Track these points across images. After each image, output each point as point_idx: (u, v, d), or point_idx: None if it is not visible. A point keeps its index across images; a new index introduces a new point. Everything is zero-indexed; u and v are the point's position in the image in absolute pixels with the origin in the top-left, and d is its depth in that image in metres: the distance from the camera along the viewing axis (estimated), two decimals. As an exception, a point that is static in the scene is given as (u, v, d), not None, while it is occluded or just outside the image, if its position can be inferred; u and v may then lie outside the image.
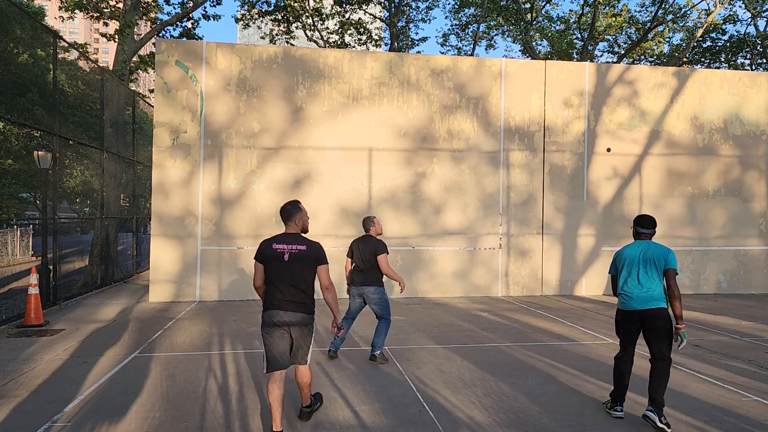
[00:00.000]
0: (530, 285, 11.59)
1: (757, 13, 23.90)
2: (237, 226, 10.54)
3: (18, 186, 21.44)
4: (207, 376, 5.53)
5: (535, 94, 11.65)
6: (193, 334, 7.50)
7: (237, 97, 10.60)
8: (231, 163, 10.58)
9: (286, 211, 4.16)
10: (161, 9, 17.56)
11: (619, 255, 4.62)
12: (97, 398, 4.83)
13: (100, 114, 12.10)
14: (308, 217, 4.29)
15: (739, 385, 5.40)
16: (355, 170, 10.97)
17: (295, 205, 4.18)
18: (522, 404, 4.80)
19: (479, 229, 11.39)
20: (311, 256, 4.04)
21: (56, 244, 9.62)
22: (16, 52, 14.26)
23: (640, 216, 4.67)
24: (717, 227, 12.22)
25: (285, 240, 4.07)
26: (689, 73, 12.29)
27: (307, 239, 4.14)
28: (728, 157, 12.33)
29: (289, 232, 4.13)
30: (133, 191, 14.70)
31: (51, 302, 9.29)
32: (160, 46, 10.51)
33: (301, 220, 4.12)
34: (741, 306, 10.44)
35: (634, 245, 4.56)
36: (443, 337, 7.39)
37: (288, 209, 4.16)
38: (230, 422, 4.31)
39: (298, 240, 4.08)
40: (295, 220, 4.12)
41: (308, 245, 4.07)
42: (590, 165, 11.83)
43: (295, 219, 4.12)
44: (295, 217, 4.12)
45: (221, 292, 10.49)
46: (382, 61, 11.16)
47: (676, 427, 4.30)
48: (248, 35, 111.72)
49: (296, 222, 4.13)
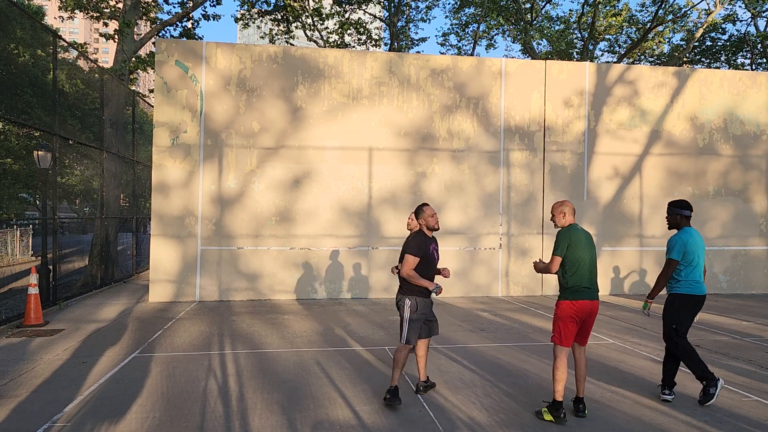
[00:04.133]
0: (530, 285, 11.58)
1: (757, 12, 23.90)
2: (237, 226, 10.54)
3: (18, 186, 21.43)
4: (207, 376, 5.53)
5: (535, 93, 11.65)
6: (193, 334, 7.50)
7: (237, 97, 10.60)
8: (231, 162, 10.57)
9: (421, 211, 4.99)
10: (161, 9, 17.55)
11: (685, 243, 4.87)
12: (97, 398, 4.83)
13: (100, 114, 12.10)
14: (432, 216, 4.93)
15: (739, 385, 5.39)
16: (355, 170, 10.96)
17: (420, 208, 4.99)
18: (522, 404, 4.80)
19: (479, 229, 11.38)
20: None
21: (56, 244, 9.62)
22: (17, 53, 14.25)
23: (679, 200, 5.05)
24: (717, 227, 12.22)
25: (431, 241, 4.96)
26: (689, 73, 12.29)
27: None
28: (728, 157, 12.32)
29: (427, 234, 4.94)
30: (133, 191, 14.69)
31: (51, 302, 9.29)
32: (160, 46, 10.50)
33: (423, 220, 4.93)
34: (741, 306, 10.43)
35: (692, 233, 4.91)
36: (443, 337, 7.38)
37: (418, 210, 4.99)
38: (230, 422, 4.31)
39: (435, 240, 5.03)
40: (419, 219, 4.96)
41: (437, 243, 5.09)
42: (590, 165, 11.83)
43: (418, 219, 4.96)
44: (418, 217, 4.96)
45: (221, 292, 10.48)
46: (381, 60, 11.16)
47: (676, 427, 4.29)
48: (248, 35, 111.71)
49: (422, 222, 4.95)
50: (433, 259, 4.89)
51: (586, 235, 4.58)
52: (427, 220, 4.88)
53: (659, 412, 4.63)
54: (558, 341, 4.45)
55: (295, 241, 10.71)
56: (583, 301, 4.41)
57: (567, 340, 4.43)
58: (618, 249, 11.88)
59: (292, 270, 10.72)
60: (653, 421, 4.42)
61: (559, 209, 4.65)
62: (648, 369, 5.94)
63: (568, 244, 4.45)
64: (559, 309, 4.48)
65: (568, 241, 4.45)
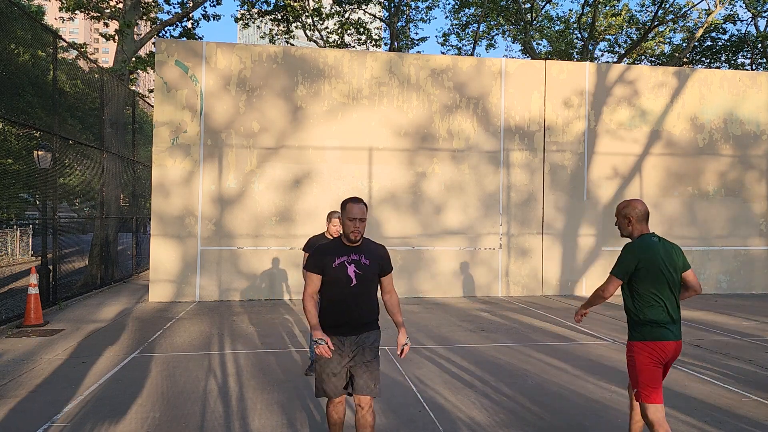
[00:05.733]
0: (530, 285, 11.58)
1: (758, 12, 23.89)
2: (237, 226, 10.54)
3: (18, 186, 21.44)
4: (207, 376, 5.53)
5: (535, 93, 11.65)
6: (193, 334, 7.50)
7: (237, 97, 10.60)
8: (231, 162, 10.57)
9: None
10: (161, 9, 17.55)
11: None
12: (96, 398, 4.83)
13: (100, 114, 12.10)
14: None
15: (739, 385, 5.39)
16: (355, 170, 10.96)
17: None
18: (522, 404, 4.80)
19: (479, 229, 11.38)
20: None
21: (56, 244, 9.62)
22: (17, 53, 14.25)
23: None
24: (717, 227, 12.22)
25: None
26: (689, 73, 12.29)
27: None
28: (728, 157, 12.32)
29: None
30: (133, 191, 14.69)
31: (51, 302, 9.28)
32: (160, 46, 10.50)
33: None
34: (741, 306, 10.43)
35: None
36: (443, 337, 7.38)
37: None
38: (230, 422, 4.31)
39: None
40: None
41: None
42: (590, 165, 11.82)
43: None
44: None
45: (221, 292, 10.48)
46: (381, 60, 11.16)
47: (676, 427, 4.29)
48: (248, 35, 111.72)
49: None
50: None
51: (669, 249, 3.31)
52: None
53: (659, 412, 4.62)
54: (647, 398, 3.20)
55: (296, 241, 10.70)
56: (666, 343, 3.23)
57: (657, 394, 3.19)
58: (618, 249, 11.86)
59: (292, 270, 10.72)
60: (653, 421, 4.42)
61: (623, 212, 3.41)
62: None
63: (636, 264, 3.25)
64: (635, 353, 3.28)
65: (637, 260, 3.25)
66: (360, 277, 3.24)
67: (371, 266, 3.29)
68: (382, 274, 3.39)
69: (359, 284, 3.24)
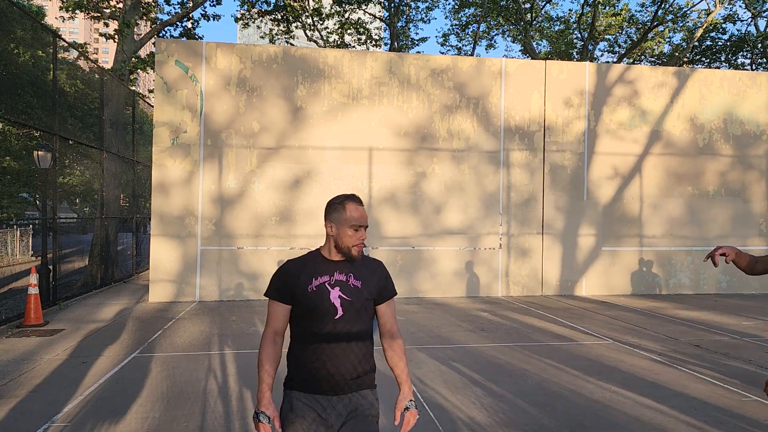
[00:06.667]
0: (530, 285, 11.58)
1: (757, 12, 23.89)
2: (237, 226, 10.54)
3: (18, 186, 21.43)
4: (207, 376, 5.53)
5: (535, 93, 11.65)
6: (193, 334, 7.50)
7: (237, 97, 10.60)
8: (231, 162, 10.57)
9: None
10: (161, 9, 17.55)
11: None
12: (96, 398, 4.83)
13: (100, 114, 12.10)
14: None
15: (739, 385, 5.39)
16: (355, 170, 10.96)
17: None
18: (522, 404, 4.80)
19: (479, 229, 11.38)
20: None
21: (56, 244, 9.62)
22: (17, 53, 14.25)
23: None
24: (717, 227, 12.21)
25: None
26: (689, 73, 12.29)
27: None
28: (728, 157, 12.32)
29: None
30: (133, 191, 14.70)
31: (51, 302, 9.28)
32: (160, 46, 10.50)
33: None
34: (741, 306, 10.43)
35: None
36: (443, 337, 7.38)
37: None
38: (230, 422, 4.31)
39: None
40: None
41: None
42: (590, 165, 11.82)
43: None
44: None
45: (221, 292, 10.48)
46: (381, 60, 11.16)
47: (676, 427, 4.29)
48: (248, 35, 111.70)
49: None
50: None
51: None
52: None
53: (659, 412, 4.63)
54: None
55: (296, 241, 10.71)
56: None
57: None
58: (618, 249, 11.87)
59: (292, 270, 10.70)
60: (653, 421, 4.42)
61: None
62: (648, 369, 5.93)
63: None
64: None
65: None
66: (348, 306, 2.18)
67: (364, 289, 2.22)
68: (380, 301, 2.30)
69: (347, 316, 2.18)
